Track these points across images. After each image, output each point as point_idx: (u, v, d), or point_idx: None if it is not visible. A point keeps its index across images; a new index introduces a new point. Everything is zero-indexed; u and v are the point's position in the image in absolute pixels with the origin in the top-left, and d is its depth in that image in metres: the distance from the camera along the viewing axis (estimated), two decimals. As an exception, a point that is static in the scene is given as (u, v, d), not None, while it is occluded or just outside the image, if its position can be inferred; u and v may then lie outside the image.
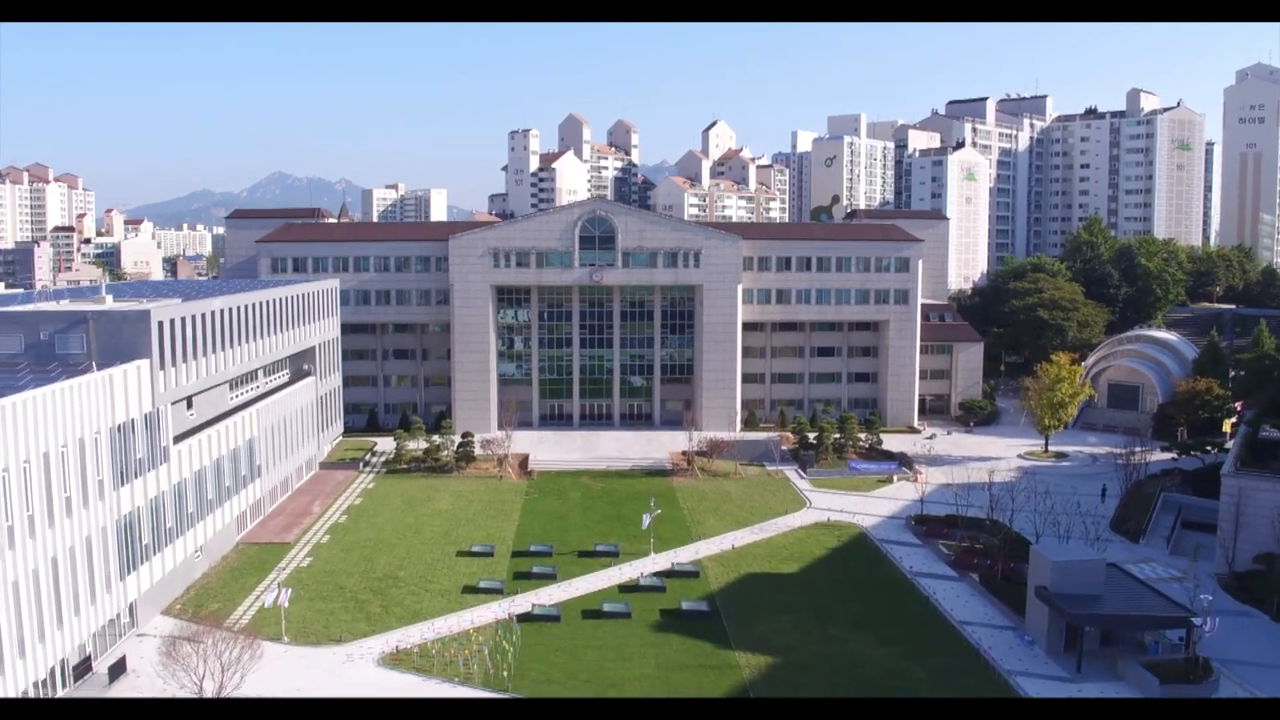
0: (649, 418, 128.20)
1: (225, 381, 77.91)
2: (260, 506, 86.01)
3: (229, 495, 76.44)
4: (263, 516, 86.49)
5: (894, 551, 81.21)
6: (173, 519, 64.98)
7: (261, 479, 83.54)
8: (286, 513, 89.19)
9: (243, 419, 78.47)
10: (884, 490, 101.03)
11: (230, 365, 75.99)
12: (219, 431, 73.68)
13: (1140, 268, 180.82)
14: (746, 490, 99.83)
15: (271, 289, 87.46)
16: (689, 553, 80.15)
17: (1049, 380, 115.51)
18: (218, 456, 73.43)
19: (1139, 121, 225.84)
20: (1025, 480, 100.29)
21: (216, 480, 73.49)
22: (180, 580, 69.23)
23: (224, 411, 78.12)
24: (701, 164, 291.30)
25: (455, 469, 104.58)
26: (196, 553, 71.78)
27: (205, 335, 70.52)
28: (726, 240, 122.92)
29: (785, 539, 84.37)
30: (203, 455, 70.59)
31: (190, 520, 68.64)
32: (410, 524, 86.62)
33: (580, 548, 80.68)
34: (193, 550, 70.72)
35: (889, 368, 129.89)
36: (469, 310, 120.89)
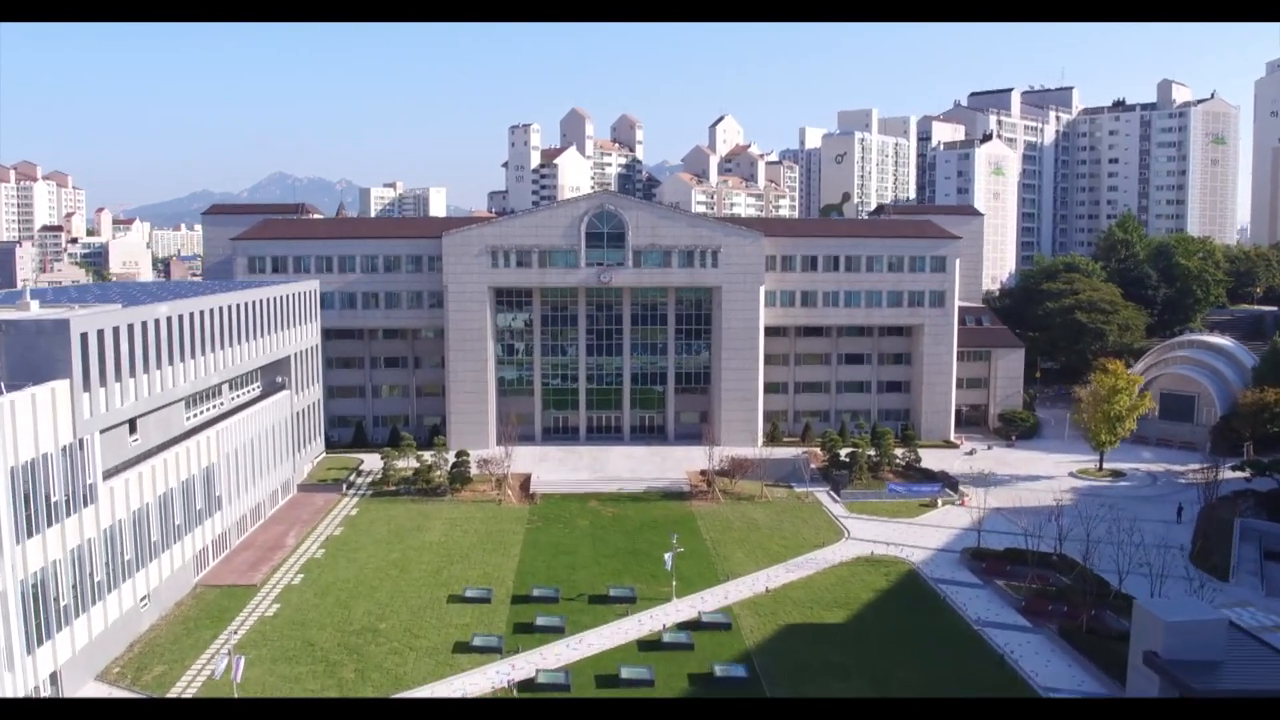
0: (662, 431, 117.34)
1: (179, 400, 67.03)
2: (225, 540, 75.19)
3: (183, 533, 65.59)
4: (228, 551, 75.67)
5: (953, 594, 70.38)
6: (103, 570, 54.04)
7: (224, 510, 72.66)
8: (256, 546, 78.36)
9: (199, 443, 67.50)
10: (929, 516, 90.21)
11: (182, 381, 65.05)
12: (167, 460, 62.69)
13: (1179, 267, 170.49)
14: (775, 516, 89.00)
15: (238, 291, 76.61)
16: (717, 597, 69.29)
17: (1104, 391, 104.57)
18: (167, 489, 62.50)
19: (1171, 114, 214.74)
20: (1084, 503, 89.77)
21: (165, 517, 62.56)
22: (122, 636, 58.47)
23: (178, 434, 67.26)
24: (709, 160, 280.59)
25: (449, 492, 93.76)
26: (143, 601, 61.01)
27: (149, 347, 59.62)
28: (747, 237, 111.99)
29: (826, 578, 73.50)
30: (145, 490, 59.66)
31: (130, 568, 57.79)
32: (396, 560, 75.79)
33: (591, 591, 69.80)
34: (138, 599, 59.93)
35: (923, 376, 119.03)
36: (465, 314, 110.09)
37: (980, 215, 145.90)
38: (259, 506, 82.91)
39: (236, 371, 76.09)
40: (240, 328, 75.46)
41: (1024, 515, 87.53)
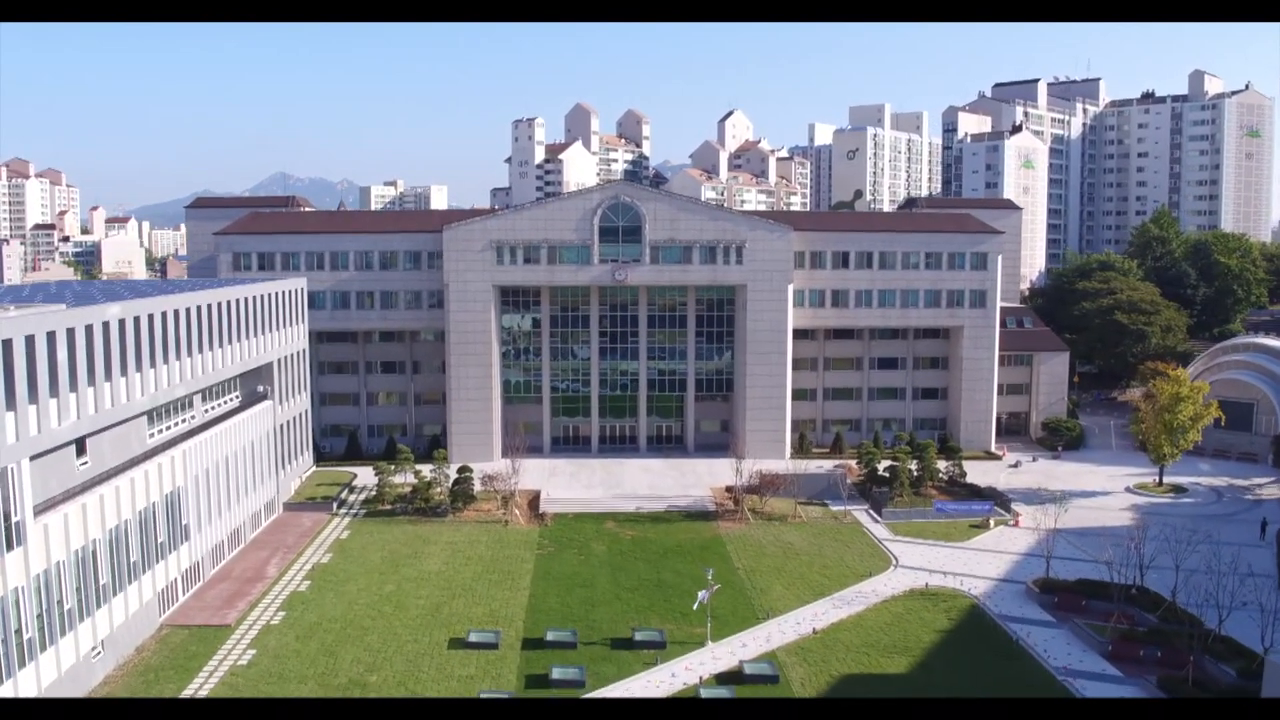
0: (680, 442, 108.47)
1: (139, 415, 58.17)
2: (197, 571, 66.37)
3: (143, 569, 56.72)
4: (201, 584, 66.88)
5: (1026, 635, 61.53)
6: (32, 626, 45.11)
7: (193, 540, 63.77)
8: (233, 577, 69.52)
9: (161, 465, 58.59)
10: (981, 540, 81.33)
11: (140, 394, 56.16)
12: (120, 488, 53.75)
13: (1218, 265, 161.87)
14: (813, 540, 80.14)
15: (211, 290, 67.75)
16: (758, 640, 60.41)
17: (1165, 400, 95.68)
18: (120, 522, 53.62)
19: (1203, 106, 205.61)
20: (1149, 523, 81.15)
21: (119, 554, 53.67)
22: (69, 693, 49.63)
23: (139, 455, 58.39)
24: (719, 155, 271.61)
25: (450, 511, 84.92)
26: (94, 652, 52.19)
27: (96, 355, 50.77)
28: (775, 231, 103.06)
29: (879, 616, 64.62)
30: (93, 523, 50.77)
31: (72, 618, 48.91)
32: (390, 594, 66.93)
33: (613, 633, 60.89)
34: (86, 651, 51.10)
35: (962, 383, 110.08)
36: (467, 315, 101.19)
37: (1018, 209, 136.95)
38: (238, 531, 74.10)
39: (209, 381, 67.18)
40: (212, 331, 66.60)
41: (1088, 538, 79.03)
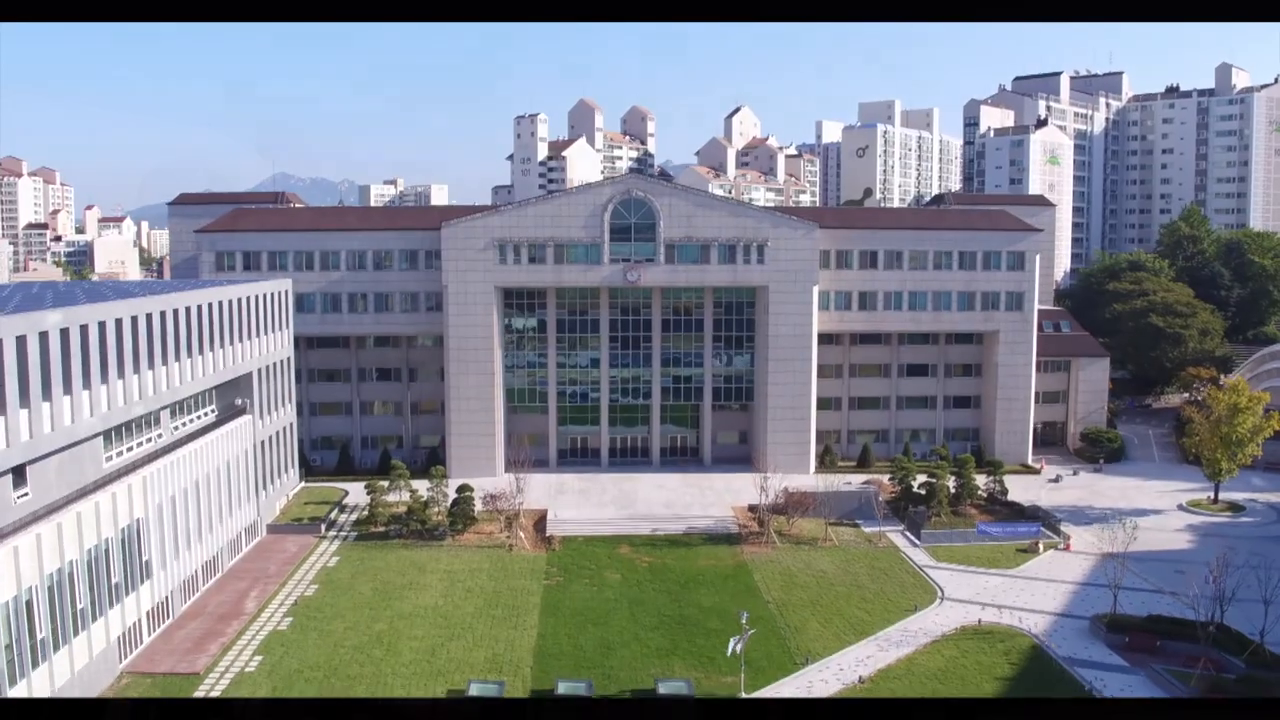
0: (696, 454, 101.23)
1: (94, 436, 50.91)
2: (167, 607, 59.22)
3: (94, 616, 49.44)
4: (171, 620, 59.72)
5: (1098, 684, 54.49)
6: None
7: (155, 577, 56.49)
8: (206, 613, 62.31)
9: (114, 496, 51.26)
10: (1032, 566, 74.04)
11: (89, 413, 48.92)
12: (63, 525, 46.41)
13: (1252, 265, 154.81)
14: (847, 567, 72.87)
15: (179, 293, 60.54)
16: (798, 691, 53.24)
17: (1222, 411, 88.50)
18: (64, 563, 46.33)
19: (1231, 100, 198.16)
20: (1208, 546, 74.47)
21: (60, 603, 46.34)
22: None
23: (92, 483, 51.13)
24: (726, 152, 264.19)
25: (449, 534, 77.70)
26: (36, 710, 44.85)
27: (31, 369, 43.56)
28: (799, 228, 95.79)
29: (930, 660, 57.40)
30: (28, 568, 43.48)
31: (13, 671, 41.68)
32: (381, 634, 59.71)
33: (633, 683, 53.76)
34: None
35: (997, 391, 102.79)
36: (467, 318, 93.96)
37: (1051, 206, 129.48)
38: (215, 559, 66.90)
39: (178, 396, 60.00)
40: (180, 340, 59.38)
41: (1147, 564, 71.85)
